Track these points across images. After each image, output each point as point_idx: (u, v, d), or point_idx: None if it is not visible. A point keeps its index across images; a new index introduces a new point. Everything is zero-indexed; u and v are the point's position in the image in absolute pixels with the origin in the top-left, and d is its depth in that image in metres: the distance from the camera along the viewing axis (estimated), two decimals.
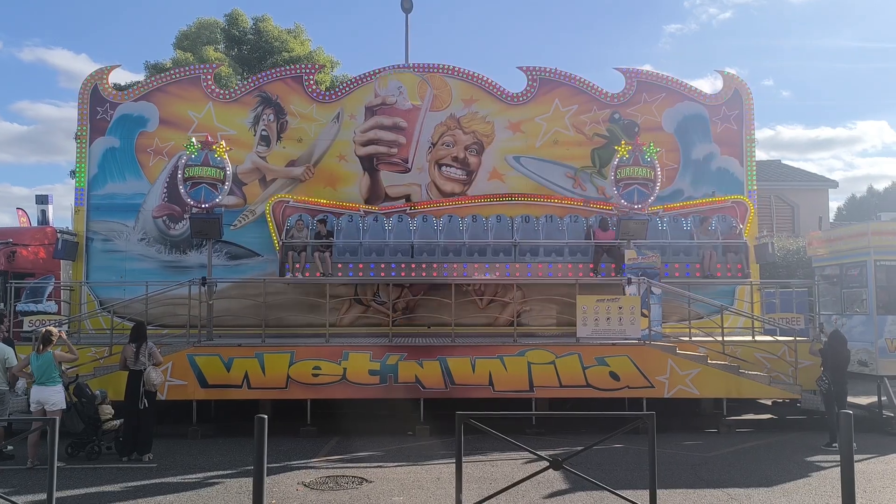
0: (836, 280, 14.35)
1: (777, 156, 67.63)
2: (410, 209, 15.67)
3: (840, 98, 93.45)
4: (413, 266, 14.22)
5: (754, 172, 16.51)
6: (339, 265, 14.35)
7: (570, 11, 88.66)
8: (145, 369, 10.00)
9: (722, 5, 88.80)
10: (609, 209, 15.49)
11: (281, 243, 14.62)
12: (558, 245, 14.82)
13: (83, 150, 15.90)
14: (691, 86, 16.73)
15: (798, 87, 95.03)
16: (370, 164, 16.19)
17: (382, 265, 14.32)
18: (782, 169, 29.03)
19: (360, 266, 14.32)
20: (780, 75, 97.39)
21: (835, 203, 59.28)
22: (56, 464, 5.60)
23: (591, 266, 14.33)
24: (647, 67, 16.98)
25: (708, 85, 54.64)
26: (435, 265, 14.30)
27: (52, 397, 9.52)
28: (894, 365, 12.54)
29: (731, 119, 16.48)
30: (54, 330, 9.99)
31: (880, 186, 48.13)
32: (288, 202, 15.59)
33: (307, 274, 14.05)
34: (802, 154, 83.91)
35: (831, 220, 30.56)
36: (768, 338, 13.55)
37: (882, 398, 12.62)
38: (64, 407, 9.68)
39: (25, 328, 12.67)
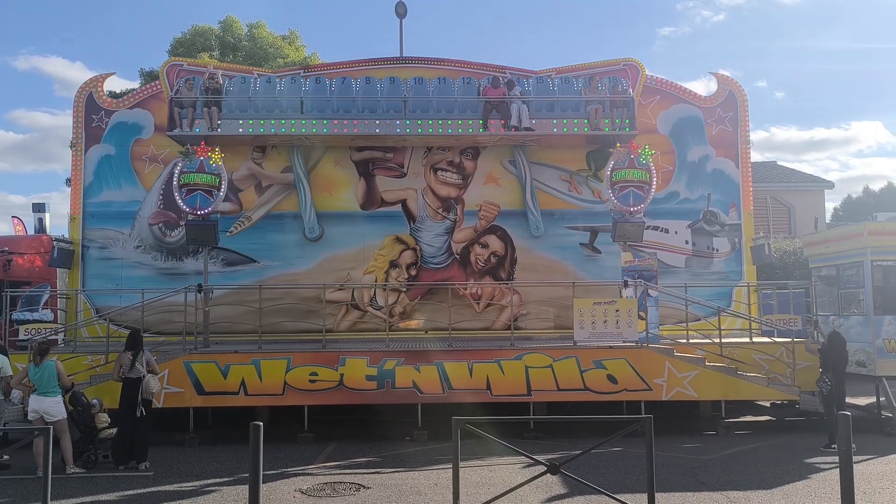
0: (833, 281, 14.36)
1: (772, 157, 67.76)
2: (304, 72, 15.96)
3: (834, 99, 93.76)
4: (304, 123, 14.72)
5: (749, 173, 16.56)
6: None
7: (563, 15, 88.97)
8: (143, 377, 9.96)
9: (715, 8, 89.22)
10: (501, 72, 15.97)
11: (169, 99, 15.01)
12: (448, 102, 15.17)
13: (78, 158, 15.87)
14: (686, 88, 16.78)
15: (792, 89, 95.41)
16: (366, 170, 16.17)
17: (273, 122, 14.78)
18: (778, 170, 29.11)
19: (251, 123, 14.76)
20: (773, 76, 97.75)
21: (831, 204, 59.42)
22: (50, 473, 5.56)
23: (481, 122, 14.80)
24: None
25: (702, 87, 54.86)
26: (325, 121, 14.79)
27: (52, 408, 9.44)
28: (892, 365, 12.54)
29: (725, 121, 16.50)
30: (48, 339, 9.94)
31: (876, 187, 48.13)
32: (182, 66, 15.97)
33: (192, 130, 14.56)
34: (797, 155, 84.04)
35: (827, 221, 30.60)
36: (766, 339, 13.55)
37: (880, 399, 12.61)
38: (64, 416, 9.62)
39: (21, 337, 12.62)
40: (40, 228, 17.11)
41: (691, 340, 13.13)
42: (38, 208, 17.42)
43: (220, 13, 60.33)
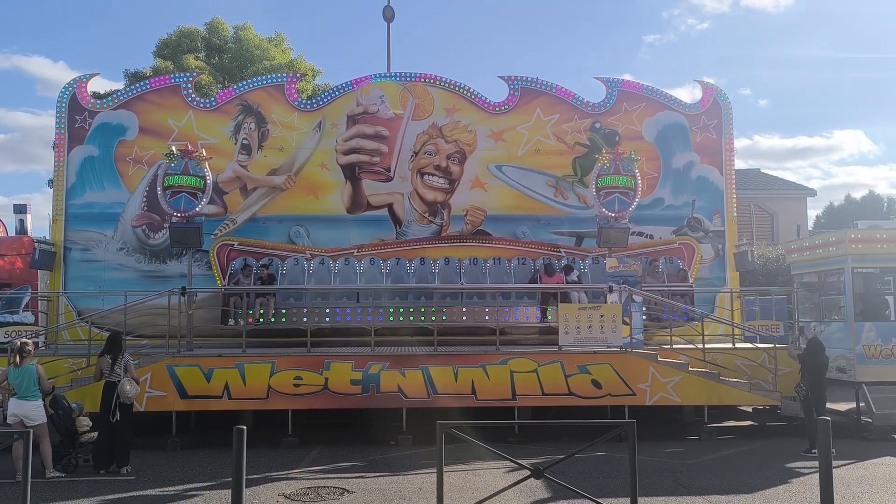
0: (815, 287, 14.51)
1: (755, 165, 68.43)
2: (357, 252, 15.49)
3: (817, 107, 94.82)
4: (359, 311, 13.70)
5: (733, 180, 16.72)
6: (284, 310, 13.84)
7: (550, 21, 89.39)
8: (119, 381, 9.85)
9: (700, 16, 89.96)
10: (555, 251, 15.66)
11: (223, 290, 14.08)
12: (505, 290, 14.29)
13: (61, 159, 15.74)
14: (671, 95, 16.91)
15: (775, 97, 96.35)
16: (352, 173, 16.17)
17: (327, 310, 13.84)
18: (761, 178, 29.39)
19: (304, 311, 13.73)
20: (757, 85, 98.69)
21: (813, 211, 59.85)
22: (30, 477, 5.50)
23: (540, 310, 13.87)
24: (626, 77, 17.21)
25: (687, 94, 55.11)
26: (381, 309, 13.79)
27: (33, 413, 9.31)
28: (872, 371, 12.69)
29: (710, 128, 16.65)
30: (30, 342, 9.81)
31: (857, 195, 48.72)
32: (233, 245, 15.38)
33: (250, 320, 13.23)
34: (780, 163, 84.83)
35: (810, 229, 30.93)
36: (748, 345, 13.65)
37: (860, 404, 12.75)
38: (44, 421, 9.51)
39: (1, 339, 12.46)
40: (21, 230, 16.93)
41: (675, 346, 13.20)
42: (20, 209, 17.24)
43: (207, 14, 60.11)
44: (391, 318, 13.82)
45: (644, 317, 13.41)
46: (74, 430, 10.06)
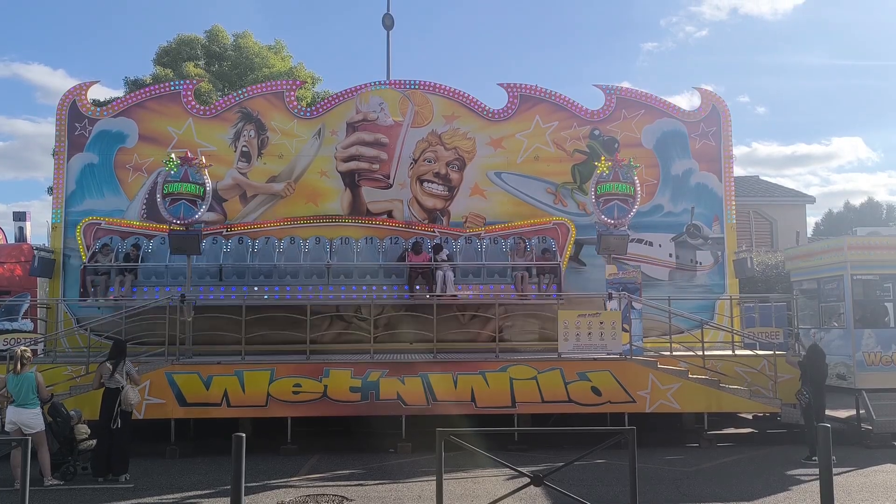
0: (814, 294, 14.52)
1: (754, 172, 68.58)
2: (227, 230, 15.32)
3: (815, 114, 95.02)
4: (222, 290, 13.72)
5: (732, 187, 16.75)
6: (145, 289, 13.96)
7: (549, 29, 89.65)
8: (122, 387, 9.84)
9: (698, 23, 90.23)
10: (429, 230, 15.60)
11: (82, 267, 14.20)
12: (374, 268, 14.50)
13: (61, 167, 15.75)
14: (670, 102, 16.95)
15: (773, 104, 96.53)
16: (352, 180, 16.19)
17: (191, 289, 13.57)
18: (760, 184, 29.42)
19: (167, 289, 13.69)
20: (755, 92, 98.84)
21: (812, 218, 60.02)
22: (28, 486, 5.48)
23: (406, 287, 13.97)
24: (625, 84, 17.30)
25: (685, 101, 55.29)
26: (245, 288, 13.91)
27: (31, 421, 9.29)
28: (872, 378, 12.68)
29: (709, 135, 16.68)
30: (28, 349, 9.79)
31: (856, 202, 48.89)
32: (100, 224, 15.29)
33: (111, 297, 13.56)
34: (779, 170, 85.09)
35: (809, 235, 30.93)
36: (748, 352, 13.64)
37: (860, 411, 12.73)
38: (42, 429, 9.49)
39: (0, 346, 12.45)
40: (21, 237, 16.95)
41: (675, 353, 13.20)
42: (19, 217, 17.28)
43: (207, 22, 60.26)
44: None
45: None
46: (73, 438, 10.04)
